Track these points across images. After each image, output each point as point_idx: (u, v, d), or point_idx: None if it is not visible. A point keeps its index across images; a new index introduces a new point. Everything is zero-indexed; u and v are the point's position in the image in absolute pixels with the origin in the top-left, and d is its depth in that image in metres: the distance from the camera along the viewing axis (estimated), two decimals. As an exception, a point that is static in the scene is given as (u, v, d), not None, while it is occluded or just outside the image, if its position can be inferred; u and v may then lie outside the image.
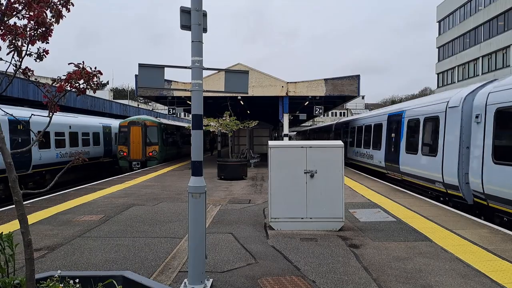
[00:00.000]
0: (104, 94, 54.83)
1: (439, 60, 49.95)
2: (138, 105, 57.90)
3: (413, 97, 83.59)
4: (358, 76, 18.13)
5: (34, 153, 16.08)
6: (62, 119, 19.08)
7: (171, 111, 21.73)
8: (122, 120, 25.19)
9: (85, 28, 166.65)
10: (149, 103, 67.77)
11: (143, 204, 9.78)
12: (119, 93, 74.78)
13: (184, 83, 17.48)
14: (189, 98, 17.02)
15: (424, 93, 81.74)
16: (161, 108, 55.05)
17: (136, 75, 16.35)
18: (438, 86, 50.38)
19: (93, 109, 29.81)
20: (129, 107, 40.90)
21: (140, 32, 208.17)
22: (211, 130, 17.94)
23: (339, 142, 7.08)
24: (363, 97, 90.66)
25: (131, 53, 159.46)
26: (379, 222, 7.66)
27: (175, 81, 17.84)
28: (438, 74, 50.12)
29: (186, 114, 35.74)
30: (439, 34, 49.60)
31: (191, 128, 4.51)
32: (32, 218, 7.95)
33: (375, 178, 15.56)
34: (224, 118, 17.27)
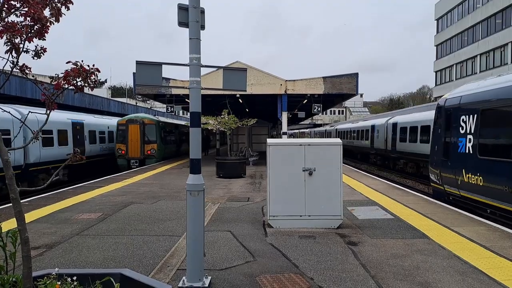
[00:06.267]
0: (102, 92, 54.74)
1: (437, 58, 49.96)
2: (136, 103, 57.75)
3: (411, 95, 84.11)
4: (356, 74, 18.14)
5: None
6: (12, 113, 12.01)
7: (169, 109, 21.67)
8: (120, 118, 25.09)
9: (95, 25, 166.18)
10: (148, 101, 67.68)
11: (141, 202, 9.77)
12: (117, 91, 74.66)
13: (182, 81, 17.43)
14: (187, 96, 16.98)
15: (422, 91, 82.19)
16: (160, 106, 54.97)
17: (134, 73, 16.28)
18: (436, 84, 50.45)
19: (91, 107, 29.73)
20: (127, 105, 40.78)
21: (151, 30, 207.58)
22: (209, 128, 17.92)
23: (338, 140, 7.08)
24: (361, 95, 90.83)
25: (141, 51, 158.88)
26: (377, 220, 7.67)
27: (173, 79, 17.79)
28: (436, 72, 50.15)
29: (185, 112, 35.68)
30: (437, 32, 49.61)
31: (189, 125, 4.51)
32: (30, 216, 7.94)
33: (373, 176, 15.66)
34: (222, 116, 17.24)
